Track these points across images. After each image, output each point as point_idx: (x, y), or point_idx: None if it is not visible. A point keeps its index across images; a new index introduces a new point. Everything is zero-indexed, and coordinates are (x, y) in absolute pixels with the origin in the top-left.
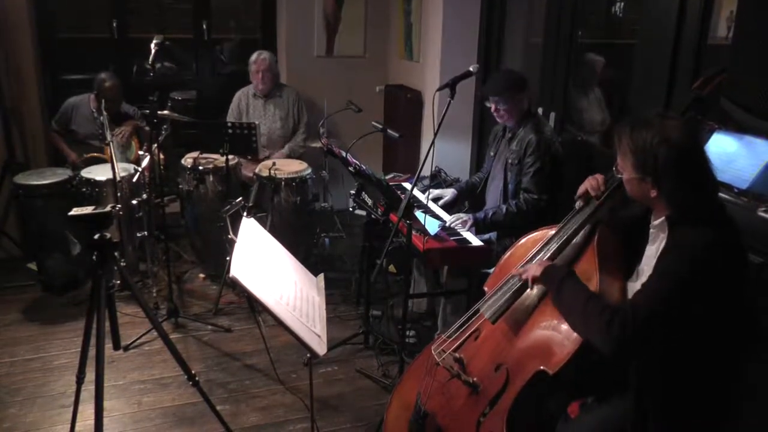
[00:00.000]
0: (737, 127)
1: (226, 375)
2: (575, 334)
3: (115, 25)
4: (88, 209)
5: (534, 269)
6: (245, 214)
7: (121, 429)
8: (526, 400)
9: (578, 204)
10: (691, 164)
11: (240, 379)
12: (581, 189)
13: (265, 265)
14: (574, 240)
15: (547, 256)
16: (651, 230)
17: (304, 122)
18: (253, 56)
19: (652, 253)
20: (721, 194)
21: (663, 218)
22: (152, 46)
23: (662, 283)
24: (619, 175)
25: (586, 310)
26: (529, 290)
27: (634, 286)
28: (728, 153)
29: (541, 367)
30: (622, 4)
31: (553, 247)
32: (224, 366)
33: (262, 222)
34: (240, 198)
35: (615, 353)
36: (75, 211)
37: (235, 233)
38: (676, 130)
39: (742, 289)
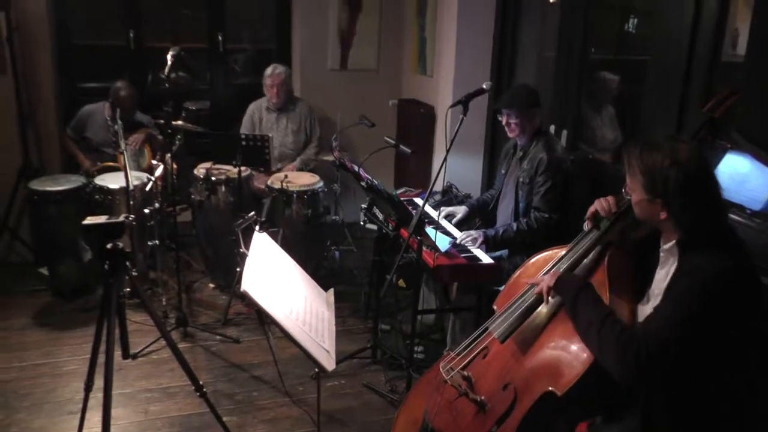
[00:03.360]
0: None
1: (233, 386)
2: (584, 355)
3: (131, 34)
4: (101, 219)
5: (548, 279)
6: (257, 228)
7: None
8: (533, 420)
9: (586, 225)
10: (701, 187)
11: (247, 390)
12: (591, 210)
13: (275, 280)
14: (585, 260)
15: None
16: (661, 254)
17: (316, 136)
18: (268, 70)
19: (661, 276)
20: (733, 216)
21: (673, 242)
22: (168, 57)
23: (675, 311)
24: (628, 197)
25: (601, 330)
26: (538, 309)
27: (645, 309)
28: (741, 173)
29: (550, 388)
30: (635, 20)
31: (564, 266)
32: (232, 377)
33: (273, 237)
34: (252, 212)
35: (628, 382)
36: (88, 221)
37: (247, 247)
38: (687, 153)
39: (756, 314)
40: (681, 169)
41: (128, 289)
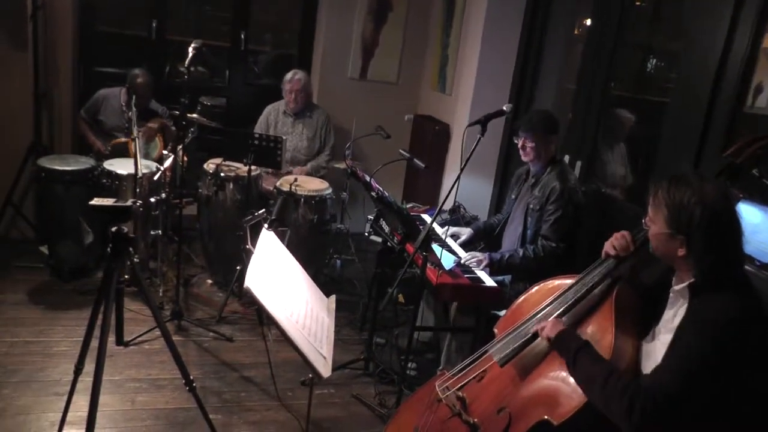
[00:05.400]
0: (764, 199)
1: (222, 384)
2: None
3: (154, 25)
4: (109, 201)
5: (549, 329)
6: (267, 226)
7: (111, 425)
8: None
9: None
10: (724, 229)
11: (236, 390)
12: (608, 247)
13: (279, 280)
14: (592, 293)
15: (562, 308)
16: (671, 294)
17: (330, 144)
18: (288, 75)
19: (669, 317)
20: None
21: (685, 284)
22: (190, 49)
23: (683, 361)
24: (647, 228)
25: (605, 388)
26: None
27: (648, 347)
28: (753, 224)
29: (546, 417)
30: (655, 60)
31: (570, 298)
32: (221, 375)
33: (280, 237)
34: (263, 209)
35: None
36: (96, 201)
37: (253, 244)
38: (714, 193)
39: (764, 365)
40: (707, 208)
41: (127, 276)
